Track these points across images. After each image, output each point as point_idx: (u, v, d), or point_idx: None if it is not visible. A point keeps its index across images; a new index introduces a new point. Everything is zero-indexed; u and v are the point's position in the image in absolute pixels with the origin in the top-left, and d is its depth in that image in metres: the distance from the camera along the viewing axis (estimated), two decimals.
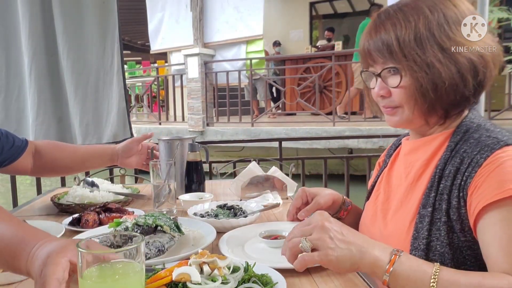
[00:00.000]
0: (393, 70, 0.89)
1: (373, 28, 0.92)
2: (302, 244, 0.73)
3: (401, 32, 0.86)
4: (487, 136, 0.83)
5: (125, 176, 2.76)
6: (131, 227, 0.93)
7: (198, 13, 6.98)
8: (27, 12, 2.46)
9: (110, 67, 2.66)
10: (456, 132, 0.89)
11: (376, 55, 0.91)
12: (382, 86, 0.92)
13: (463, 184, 0.81)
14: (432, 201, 0.85)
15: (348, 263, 0.72)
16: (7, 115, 2.56)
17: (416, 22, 0.86)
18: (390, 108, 0.94)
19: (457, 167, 0.84)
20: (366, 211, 1.09)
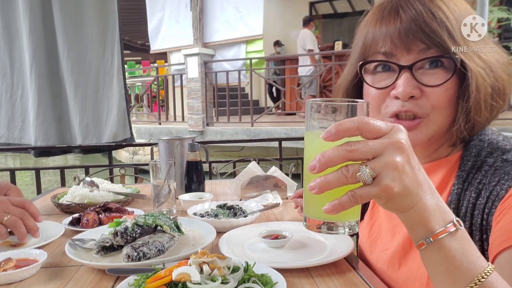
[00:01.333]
0: (438, 62, 0.68)
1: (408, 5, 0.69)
2: (362, 174, 0.48)
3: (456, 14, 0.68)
4: (504, 161, 0.68)
5: (125, 176, 2.76)
6: (131, 227, 0.93)
7: (198, 13, 6.98)
8: (27, 12, 2.47)
9: (110, 67, 2.66)
10: (465, 156, 0.72)
11: (419, 39, 0.67)
12: (413, 83, 0.69)
13: (485, 224, 0.66)
14: None
15: (398, 204, 0.51)
16: (13, 114, 2.59)
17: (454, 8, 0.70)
18: (408, 122, 0.71)
19: (473, 203, 0.68)
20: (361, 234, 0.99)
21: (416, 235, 0.54)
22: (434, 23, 0.67)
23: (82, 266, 0.90)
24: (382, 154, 0.48)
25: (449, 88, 0.69)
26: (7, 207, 0.98)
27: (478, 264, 0.52)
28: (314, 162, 0.49)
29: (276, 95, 9.02)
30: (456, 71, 0.68)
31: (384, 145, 0.48)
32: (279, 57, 8.71)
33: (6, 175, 2.74)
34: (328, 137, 0.48)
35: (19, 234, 0.98)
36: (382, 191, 0.48)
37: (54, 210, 1.44)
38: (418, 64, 0.69)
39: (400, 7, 0.70)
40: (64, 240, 1.02)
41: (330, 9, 11.23)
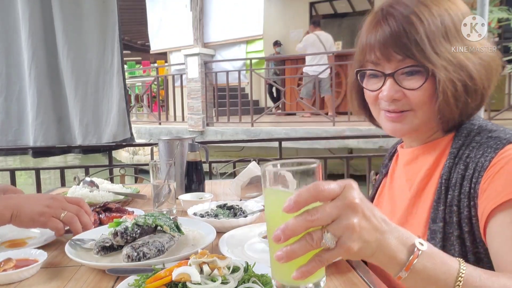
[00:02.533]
0: (415, 71, 0.80)
1: (387, 20, 0.81)
2: (326, 241, 0.52)
3: (429, 25, 0.78)
4: (489, 137, 0.78)
5: (125, 176, 2.76)
6: (131, 227, 0.93)
7: (198, 13, 6.98)
8: (27, 12, 2.46)
9: (110, 67, 2.66)
10: (457, 136, 0.84)
11: (394, 51, 0.80)
12: (395, 88, 0.83)
13: (473, 192, 0.75)
14: (442, 215, 0.79)
15: (362, 255, 0.56)
16: (8, 115, 2.57)
17: (442, 17, 0.79)
18: (396, 114, 0.85)
19: (463, 174, 0.78)
20: None
21: (391, 271, 0.58)
22: (404, 39, 0.79)
23: (82, 266, 0.90)
24: (339, 218, 0.52)
25: (427, 89, 0.81)
26: (64, 204, 1.03)
27: (452, 268, 0.58)
28: (278, 233, 0.52)
29: (276, 95, 9.02)
30: (428, 77, 0.80)
31: (340, 208, 0.52)
32: (279, 57, 8.72)
33: (6, 175, 2.74)
34: (289, 211, 0.51)
35: (74, 230, 1.02)
36: (345, 252, 0.52)
37: None
38: (398, 71, 0.82)
39: (382, 21, 0.82)
40: (64, 240, 1.02)
41: (330, 9, 11.23)
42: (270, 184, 0.57)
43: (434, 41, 0.78)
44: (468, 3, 0.87)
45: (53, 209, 1.01)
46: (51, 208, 1.01)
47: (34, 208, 1.00)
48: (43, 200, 1.02)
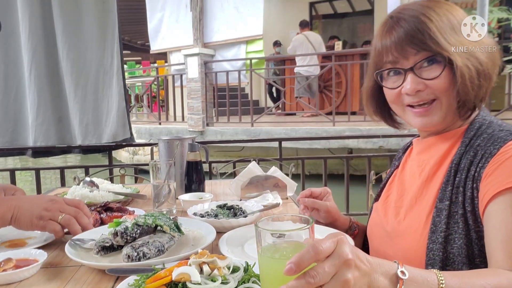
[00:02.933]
0: (433, 60, 0.87)
1: (399, 23, 0.89)
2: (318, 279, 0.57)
3: (437, 21, 0.86)
4: (499, 130, 0.85)
5: (125, 176, 2.76)
6: (131, 227, 0.93)
7: (198, 13, 6.98)
8: (27, 12, 2.46)
9: (110, 67, 2.66)
10: (469, 128, 0.90)
11: (410, 47, 0.88)
12: (417, 80, 0.89)
13: (477, 176, 0.82)
14: (449, 195, 0.85)
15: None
16: (5, 116, 2.56)
17: (446, 14, 0.87)
18: (423, 108, 0.91)
19: (471, 160, 0.85)
20: (375, 211, 1.08)
21: None
22: (419, 35, 0.86)
23: (82, 266, 0.90)
24: (336, 275, 0.56)
25: (446, 76, 0.87)
26: (63, 206, 1.04)
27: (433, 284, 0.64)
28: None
29: (276, 95, 9.02)
30: (446, 64, 0.86)
31: (337, 266, 0.56)
32: (279, 57, 8.71)
33: (6, 175, 2.74)
34: (291, 274, 0.56)
35: (72, 231, 1.03)
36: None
37: None
38: (417, 65, 0.88)
39: (395, 25, 0.89)
40: (64, 240, 1.02)
41: (330, 9, 11.23)
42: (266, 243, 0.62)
43: (445, 34, 0.85)
44: (468, 3, 0.89)
45: (52, 212, 1.01)
46: (49, 211, 1.01)
47: (33, 211, 1.00)
48: (42, 203, 1.02)
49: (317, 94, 7.53)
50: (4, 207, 0.99)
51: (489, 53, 0.88)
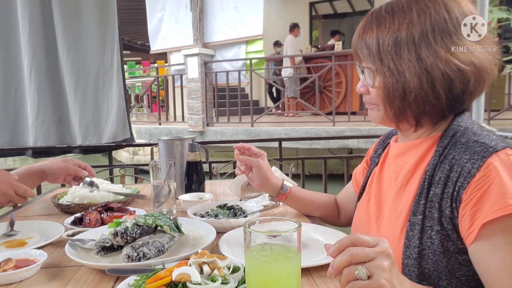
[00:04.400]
0: (369, 71, 0.90)
1: (362, 26, 0.92)
2: (359, 272, 0.63)
3: (383, 34, 0.86)
4: (474, 141, 0.80)
5: (125, 176, 2.76)
6: (131, 227, 0.93)
7: (198, 13, 6.98)
8: (27, 12, 2.46)
9: (110, 67, 2.66)
10: (443, 136, 0.87)
11: (359, 53, 0.93)
12: (362, 83, 0.95)
13: (456, 195, 0.79)
14: (422, 209, 0.83)
15: None
16: (5, 116, 2.56)
17: (400, 26, 0.84)
18: (369, 103, 0.96)
19: (447, 174, 0.81)
20: (358, 213, 1.07)
21: None
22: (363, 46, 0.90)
23: (82, 266, 0.90)
24: (375, 259, 0.63)
25: (379, 89, 0.89)
26: None
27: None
28: (331, 269, 0.65)
29: (276, 95, 9.02)
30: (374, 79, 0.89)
31: (376, 252, 0.63)
32: (279, 57, 8.71)
33: None
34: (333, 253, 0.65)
35: None
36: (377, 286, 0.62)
37: (54, 210, 1.44)
38: (364, 69, 0.92)
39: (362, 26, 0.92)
40: (64, 240, 1.02)
41: (330, 9, 11.23)
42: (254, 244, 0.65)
43: (382, 48, 0.85)
44: None
45: None
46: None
47: None
48: None
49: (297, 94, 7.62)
50: None
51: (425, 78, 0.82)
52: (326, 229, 1.09)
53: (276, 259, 0.64)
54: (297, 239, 0.64)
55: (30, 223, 1.23)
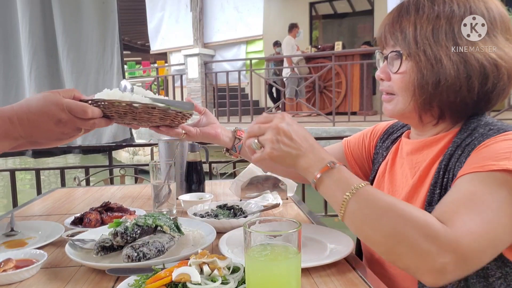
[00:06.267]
0: (397, 56, 0.87)
1: (397, 11, 0.89)
2: (253, 145, 0.82)
3: (421, 20, 0.84)
4: (490, 129, 0.82)
5: (125, 176, 2.76)
6: (130, 227, 0.92)
7: (198, 13, 6.98)
8: (27, 12, 2.46)
9: (110, 67, 2.66)
10: (463, 129, 0.86)
11: (389, 37, 0.89)
12: (383, 69, 0.92)
13: (460, 168, 0.79)
14: (437, 198, 0.82)
15: (287, 162, 0.80)
16: None
17: (439, 13, 0.83)
18: (386, 95, 0.92)
19: (457, 158, 0.82)
20: None
21: (308, 179, 0.80)
22: (397, 30, 0.87)
23: (82, 266, 0.90)
24: (265, 134, 0.80)
25: (405, 76, 0.86)
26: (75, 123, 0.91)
27: (354, 182, 0.75)
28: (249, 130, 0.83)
29: (276, 96, 9.02)
30: (400, 64, 0.87)
31: (266, 127, 0.80)
32: (279, 57, 8.72)
33: (6, 175, 2.74)
34: (246, 138, 0.84)
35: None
36: (267, 155, 0.79)
37: (54, 210, 1.44)
38: (389, 54, 0.89)
39: (397, 10, 0.90)
40: (64, 240, 1.02)
41: (330, 9, 11.23)
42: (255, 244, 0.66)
43: (420, 32, 0.83)
44: None
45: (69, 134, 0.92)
46: (66, 134, 0.91)
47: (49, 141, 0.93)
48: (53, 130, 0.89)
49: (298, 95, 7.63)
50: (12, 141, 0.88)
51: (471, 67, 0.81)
52: (326, 229, 1.09)
53: (276, 259, 0.64)
54: (297, 239, 0.64)
55: (30, 223, 1.23)
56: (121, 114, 0.96)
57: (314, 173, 0.77)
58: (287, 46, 8.15)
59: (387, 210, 0.70)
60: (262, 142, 0.80)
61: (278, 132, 0.78)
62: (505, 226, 0.70)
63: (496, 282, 0.78)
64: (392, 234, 0.69)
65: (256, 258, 0.64)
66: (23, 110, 0.83)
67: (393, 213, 0.70)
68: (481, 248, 0.68)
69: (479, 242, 0.67)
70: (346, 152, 1.19)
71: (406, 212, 0.69)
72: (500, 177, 0.71)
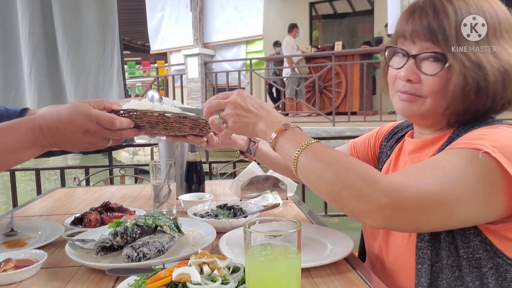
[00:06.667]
0: (436, 58, 0.82)
1: (429, 4, 0.84)
2: (216, 121, 0.88)
3: (463, 19, 0.80)
4: (486, 123, 0.82)
5: (125, 176, 2.76)
6: (130, 228, 0.92)
7: (198, 13, 6.98)
8: (27, 12, 2.46)
9: (110, 67, 2.66)
10: (460, 126, 0.87)
11: (422, 35, 0.83)
12: (412, 70, 0.86)
13: None
14: None
15: (249, 131, 0.87)
16: None
17: (486, 11, 0.81)
18: (408, 95, 0.88)
19: None
20: None
21: (267, 142, 0.86)
22: (435, 25, 0.82)
23: (82, 266, 0.90)
24: (224, 109, 0.88)
25: (442, 79, 0.82)
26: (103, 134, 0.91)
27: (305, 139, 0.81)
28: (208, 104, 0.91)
29: (276, 96, 9.02)
30: (443, 68, 0.81)
31: (224, 104, 0.88)
32: (279, 57, 8.72)
33: (6, 175, 2.74)
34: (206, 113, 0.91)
35: None
36: (230, 129, 0.88)
37: (54, 210, 1.44)
38: (422, 55, 0.84)
39: (419, 8, 0.85)
40: (64, 240, 1.02)
41: (330, 9, 11.23)
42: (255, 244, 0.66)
43: (462, 35, 0.80)
44: None
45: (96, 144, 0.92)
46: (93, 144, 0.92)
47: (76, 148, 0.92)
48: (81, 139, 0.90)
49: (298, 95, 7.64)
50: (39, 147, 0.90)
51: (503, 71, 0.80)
52: (326, 229, 1.09)
53: (276, 259, 0.64)
54: (297, 239, 0.64)
55: (30, 223, 1.23)
56: (153, 124, 0.97)
57: (271, 135, 0.84)
58: (287, 46, 8.17)
59: (333, 161, 0.75)
60: (223, 117, 0.87)
61: (236, 106, 0.86)
62: (461, 196, 0.70)
63: (488, 272, 0.79)
64: (336, 182, 0.73)
65: (256, 258, 0.64)
66: (53, 119, 0.85)
67: (338, 164, 0.75)
68: (426, 205, 0.70)
69: (423, 197, 0.70)
70: (352, 153, 1.21)
71: (351, 162, 0.75)
72: (468, 152, 0.72)
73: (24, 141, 0.83)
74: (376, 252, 0.99)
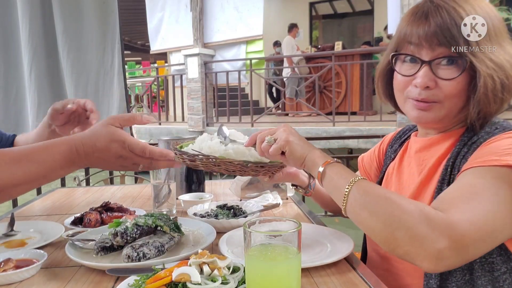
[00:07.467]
0: (452, 61, 0.82)
1: (438, 10, 0.82)
2: (268, 139, 0.89)
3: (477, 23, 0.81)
4: (496, 128, 0.83)
5: (125, 176, 2.76)
6: (130, 228, 0.92)
7: (198, 13, 6.98)
8: (27, 12, 2.46)
9: (111, 67, 2.66)
10: (470, 127, 0.87)
11: (439, 41, 0.82)
12: (429, 76, 0.84)
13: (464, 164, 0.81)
14: None
15: (297, 154, 0.86)
16: (6, 116, 2.55)
17: (486, 18, 0.81)
18: (425, 104, 0.86)
19: (464, 156, 0.84)
20: None
21: (313, 173, 0.86)
22: (454, 30, 0.81)
23: (82, 266, 0.90)
24: (277, 132, 0.89)
25: (460, 82, 0.82)
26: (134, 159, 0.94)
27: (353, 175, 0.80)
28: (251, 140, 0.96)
29: (276, 96, 9.02)
30: (464, 70, 0.81)
31: (275, 129, 0.91)
32: (279, 57, 8.72)
33: None
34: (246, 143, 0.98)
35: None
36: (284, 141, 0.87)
37: (54, 210, 1.44)
38: (436, 60, 0.83)
39: (429, 13, 0.83)
40: (64, 240, 1.02)
41: (330, 9, 11.23)
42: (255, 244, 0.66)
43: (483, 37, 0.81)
44: None
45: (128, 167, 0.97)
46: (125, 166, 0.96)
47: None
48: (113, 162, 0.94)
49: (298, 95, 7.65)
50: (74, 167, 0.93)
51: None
52: (326, 229, 1.09)
53: (276, 259, 0.64)
54: (297, 239, 0.64)
55: (30, 223, 1.23)
56: (229, 171, 0.99)
57: (318, 167, 0.83)
58: (287, 46, 8.17)
59: (384, 198, 0.73)
60: (276, 136, 0.89)
61: (287, 132, 0.88)
62: (505, 219, 0.71)
63: (501, 276, 0.79)
64: (390, 221, 0.71)
65: (256, 258, 0.64)
66: (90, 145, 0.90)
67: (390, 201, 0.72)
68: (479, 237, 0.69)
69: (476, 231, 0.68)
70: (360, 166, 1.23)
71: (401, 200, 0.73)
72: (501, 171, 0.73)
73: (61, 161, 0.88)
74: (382, 252, 0.99)
